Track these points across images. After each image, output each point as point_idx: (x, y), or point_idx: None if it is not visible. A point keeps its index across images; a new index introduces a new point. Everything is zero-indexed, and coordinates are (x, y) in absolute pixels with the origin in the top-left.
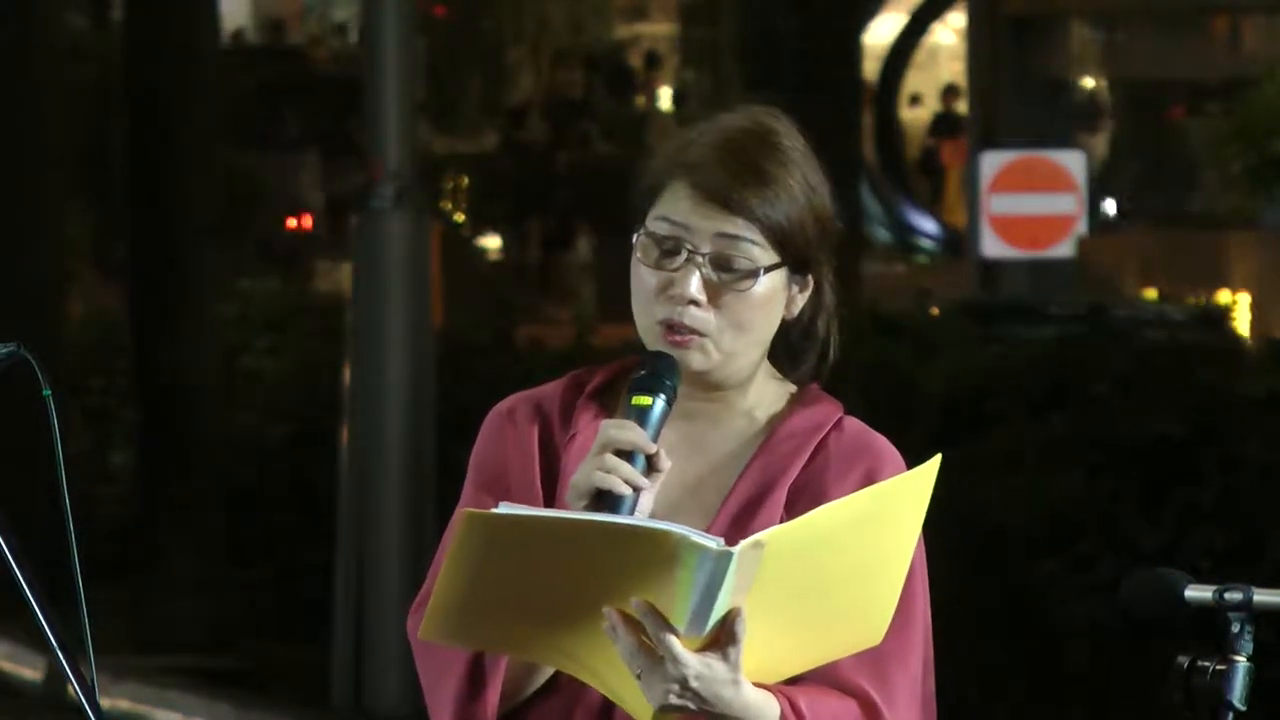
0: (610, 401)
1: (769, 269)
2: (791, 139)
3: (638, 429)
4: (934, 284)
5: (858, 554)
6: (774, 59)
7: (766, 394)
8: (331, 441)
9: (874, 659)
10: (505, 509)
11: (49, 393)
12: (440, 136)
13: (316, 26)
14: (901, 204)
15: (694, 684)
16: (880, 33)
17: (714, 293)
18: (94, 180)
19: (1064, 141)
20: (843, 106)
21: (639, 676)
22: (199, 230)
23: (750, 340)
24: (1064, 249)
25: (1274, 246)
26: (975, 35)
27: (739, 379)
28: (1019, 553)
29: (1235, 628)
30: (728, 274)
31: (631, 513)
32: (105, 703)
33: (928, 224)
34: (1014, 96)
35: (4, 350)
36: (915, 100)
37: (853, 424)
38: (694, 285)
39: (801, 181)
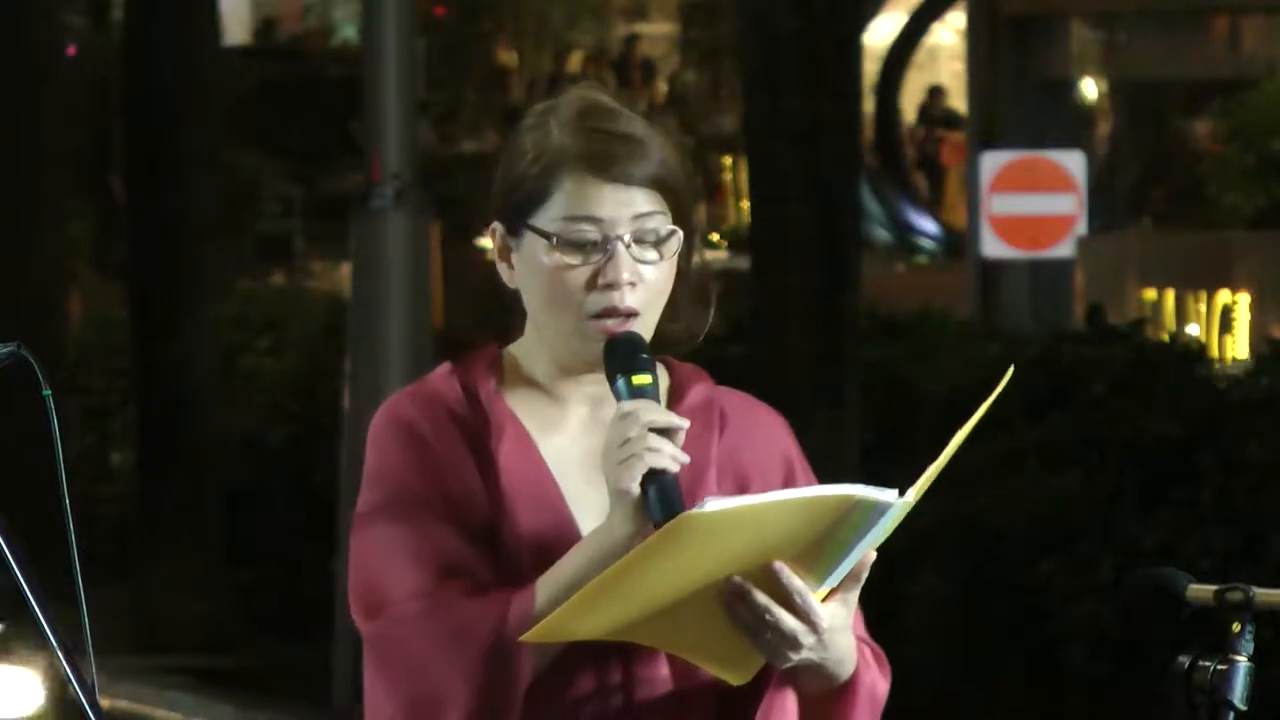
0: (512, 399)
1: (673, 231)
2: (619, 101)
3: (663, 408)
4: (934, 284)
5: None
6: (774, 59)
7: None
8: (331, 441)
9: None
10: (713, 504)
11: (49, 393)
12: (440, 136)
13: (316, 26)
14: (901, 204)
15: (824, 636)
16: (880, 33)
17: (636, 270)
18: (94, 180)
19: (1064, 141)
20: (843, 106)
21: (768, 639)
22: (199, 230)
23: (663, 304)
24: (1064, 249)
25: (1274, 247)
26: (975, 35)
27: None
28: (1019, 553)
29: (1236, 627)
30: (648, 247)
31: (677, 486)
32: (105, 703)
33: (928, 224)
34: (1014, 96)
35: (4, 350)
36: (916, 100)
37: (727, 392)
38: (626, 269)
39: (658, 130)
